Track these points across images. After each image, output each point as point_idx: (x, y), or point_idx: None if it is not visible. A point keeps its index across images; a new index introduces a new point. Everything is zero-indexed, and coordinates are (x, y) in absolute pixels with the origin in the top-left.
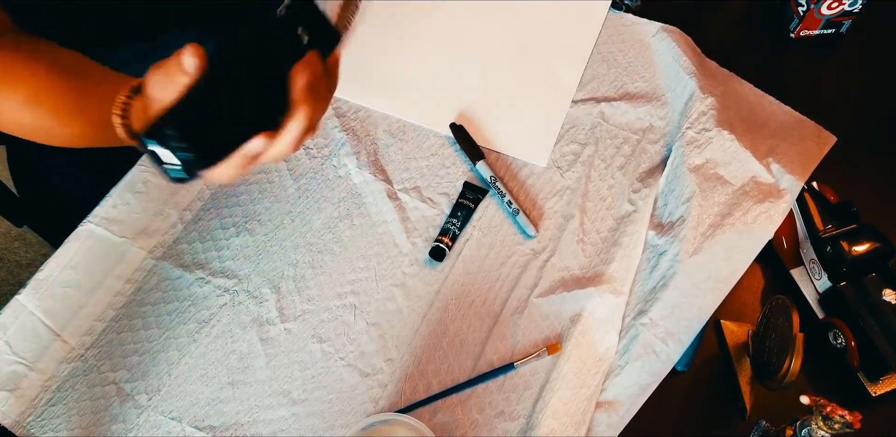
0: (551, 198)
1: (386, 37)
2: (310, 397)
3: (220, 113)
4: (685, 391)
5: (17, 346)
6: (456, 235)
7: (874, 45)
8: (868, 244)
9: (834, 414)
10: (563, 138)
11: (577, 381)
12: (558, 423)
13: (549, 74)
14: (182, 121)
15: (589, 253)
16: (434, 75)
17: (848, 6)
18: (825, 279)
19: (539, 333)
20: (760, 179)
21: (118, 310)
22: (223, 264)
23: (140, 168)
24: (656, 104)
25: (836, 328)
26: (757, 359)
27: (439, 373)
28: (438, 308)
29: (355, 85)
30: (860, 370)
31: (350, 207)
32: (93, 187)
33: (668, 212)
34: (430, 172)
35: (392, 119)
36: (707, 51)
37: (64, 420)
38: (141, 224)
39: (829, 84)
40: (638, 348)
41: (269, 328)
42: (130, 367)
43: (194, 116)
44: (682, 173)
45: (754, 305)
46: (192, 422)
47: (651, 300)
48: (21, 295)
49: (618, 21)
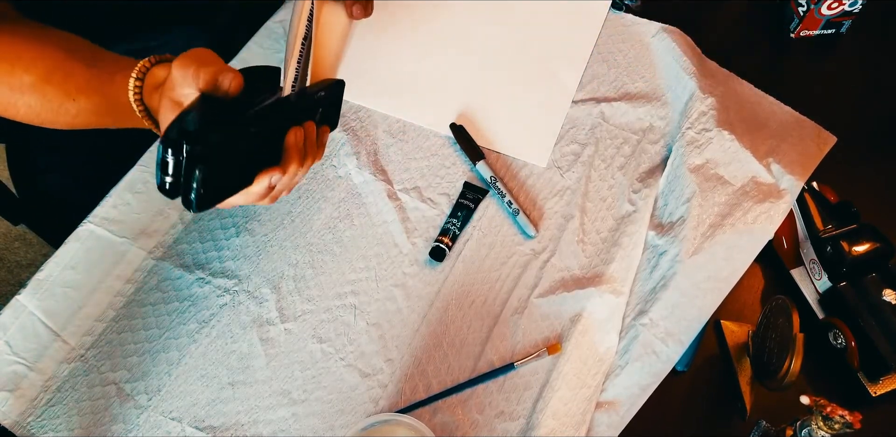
0: (551, 198)
1: (386, 37)
2: (310, 397)
3: (239, 157)
4: (685, 392)
5: (17, 346)
6: (456, 235)
7: (874, 45)
8: (868, 244)
9: (834, 414)
10: (563, 139)
11: (577, 381)
12: (558, 423)
13: (549, 74)
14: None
15: (589, 253)
16: (434, 75)
17: (848, 6)
18: (825, 279)
19: (539, 333)
20: (760, 179)
21: (118, 310)
22: (223, 264)
23: (140, 168)
24: (656, 104)
25: (836, 328)
26: (757, 359)
27: (439, 373)
28: (438, 308)
29: (355, 85)
30: (860, 371)
31: (350, 207)
32: (93, 187)
33: (668, 212)
34: (430, 172)
35: (392, 119)
36: (707, 51)
37: (64, 421)
38: (141, 224)
39: (829, 84)
40: (638, 349)
41: (269, 329)
42: (130, 367)
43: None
44: (682, 174)
45: (754, 305)
46: (192, 422)
47: (651, 301)
48: (21, 295)
49: (618, 21)
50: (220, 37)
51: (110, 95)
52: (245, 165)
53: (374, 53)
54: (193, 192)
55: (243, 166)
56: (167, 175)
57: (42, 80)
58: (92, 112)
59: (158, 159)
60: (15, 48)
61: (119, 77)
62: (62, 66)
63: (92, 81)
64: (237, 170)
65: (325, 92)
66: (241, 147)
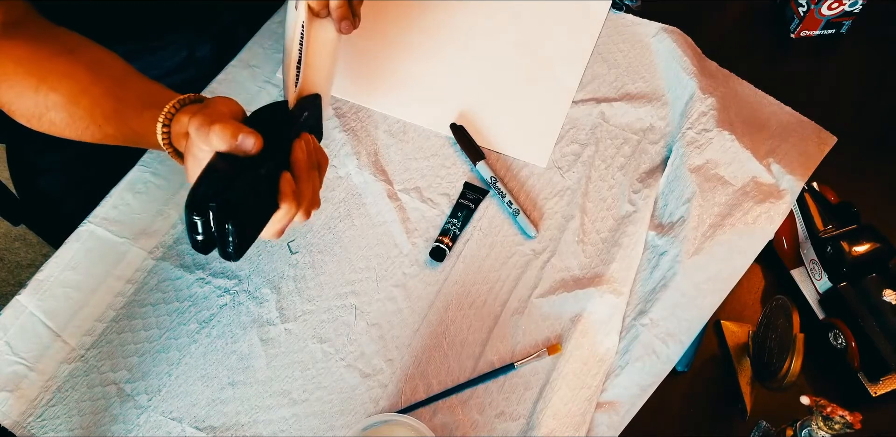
0: (552, 198)
1: (386, 37)
2: (310, 397)
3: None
4: (685, 392)
5: (17, 346)
6: (456, 235)
7: (874, 45)
8: (868, 245)
9: (834, 415)
10: (563, 139)
11: (577, 381)
12: (558, 423)
13: (549, 74)
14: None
15: (589, 253)
16: (434, 76)
17: (848, 7)
18: (825, 280)
19: (539, 333)
20: (761, 179)
21: (118, 310)
22: (223, 264)
23: (140, 168)
24: (657, 105)
25: (837, 329)
26: (757, 359)
27: (439, 373)
28: (439, 309)
29: (356, 85)
30: (860, 371)
31: (350, 207)
32: (93, 187)
33: (668, 212)
34: (430, 172)
35: (392, 119)
36: (707, 51)
37: (64, 421)
38: (141, 225)
39: (829, 84)
40: (638, 349)
41: (269, 329)
42: (131, 367)
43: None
44: (682, 174)
45: (755, 305)
46: (192, 422)
47: (651, 301)
48: (21, 295)
49: (618, 21)
50: (220, 37)
51: (139, 130)
52: (266, 202)
53: (374, 54)
54: (231, 245)
55: (265, 204)
56: (198, 234)
57: (69, 101)
58: (118, 139)
59: (186, 222)
60: (41, 63)
61: (147, 115)
62: (89, 90)
63: (120, 112)
64: (261, 209)
65: (308, 111)
66: (257, 192)
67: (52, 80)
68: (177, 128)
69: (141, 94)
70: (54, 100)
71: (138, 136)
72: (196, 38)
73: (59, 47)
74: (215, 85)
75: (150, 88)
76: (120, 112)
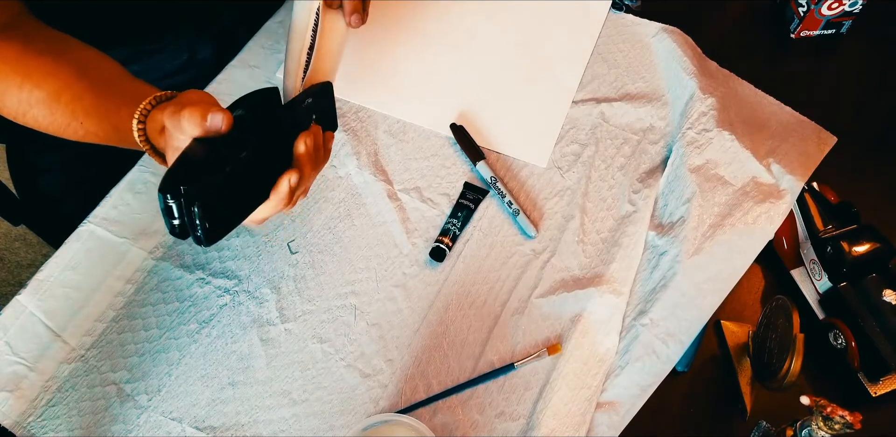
0: (552, 198)
1: (386, 37)
2: (310, 397)
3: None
4: (685, 392)
5: (17, 346)
6: (456, 235)
7: (874, 45)
8: (868, 245)
9: (834, 415)
10: (563, 139)
11: (577, 381)
12: (558, 423)
13: (549, 74)
14: (208, 193)
15: (589, 253)
16: (434, 76)
17: (848, 7)
18: (825, 280)
19: (539, 333)
20: (761, 179)
21: (118, 311)
22: (223, 264)
23: (140, 168)
24: (657, 105)
25: (837, 329)
26: (757, 360)
27: (439, 373)
28: (439, 309)
29: (356, 85)
30: (860, 371)
31: (350, 207)
32: (93, 187)
33: (668, 212)
34: (430, 172)
35: (392, 119)
36: (707, 51)
37: (64, 421)
38: (141, 225)
39: (829, 84)
40: (638, 349)
41: (269, 329)
42: (131, 367)
43: (218, 189)
44: (682, 174)
45: (755, 305)
46: (192, 422)
47: (651, 301)
48: (21, 296)
49: (618, 21)
50: (220, 37)
51: (118, 126)
52: (249, 191)
53: (374, 54)
54: (199, 228)
55: (247, 192)
56: (173, 218)
57: (51, 97)
58: (99, 137)
59: (162, 207)
60: (27, 62)
61: (125, 112)
62: (72, 86)
63: (100, 108)
64: (241, 195)
65: (313, 98)
66: (236, 177)
67: (36, 77)
68: (152, 125)
69: (124, 92)
70: (37, 96)
71: (119, 133)
72: (196, 39)
73: (47, 47)
74: (215, 85)
75: (136, 87)
76: (100, 109)
